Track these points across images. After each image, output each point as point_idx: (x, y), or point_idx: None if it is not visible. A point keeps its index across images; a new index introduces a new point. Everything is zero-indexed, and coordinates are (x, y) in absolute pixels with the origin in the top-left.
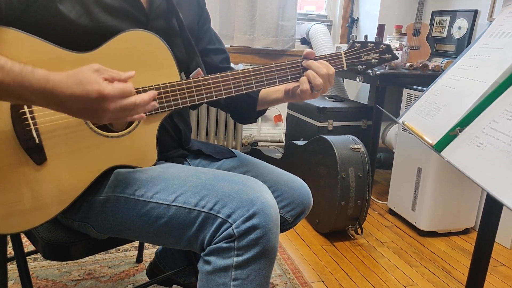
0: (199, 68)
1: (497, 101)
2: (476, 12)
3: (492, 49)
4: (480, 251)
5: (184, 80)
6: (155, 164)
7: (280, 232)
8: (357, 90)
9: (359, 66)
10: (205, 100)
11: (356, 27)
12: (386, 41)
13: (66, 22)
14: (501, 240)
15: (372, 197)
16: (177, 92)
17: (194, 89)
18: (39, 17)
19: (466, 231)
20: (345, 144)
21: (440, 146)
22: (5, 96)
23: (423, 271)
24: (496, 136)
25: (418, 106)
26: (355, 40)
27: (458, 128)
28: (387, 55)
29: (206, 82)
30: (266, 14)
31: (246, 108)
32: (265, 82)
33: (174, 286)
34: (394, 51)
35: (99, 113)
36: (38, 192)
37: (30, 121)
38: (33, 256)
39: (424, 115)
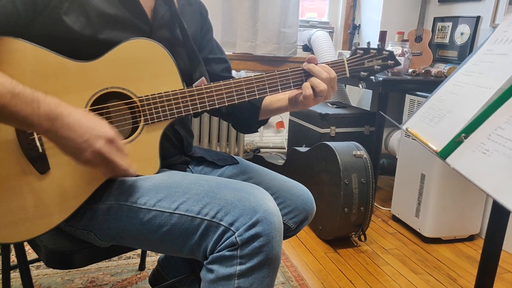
0: (203, 77)
1: (503, 107)
2: (478, 18)
3: (497, 55)
4: (487, 258)
5: (186, 88)
6: (158, 172)
7: (283, 239)
8: (360, 96)
9: (362, 73)
10: (208, 108)
11: (358, 33)
12: (388, 47)
13: (70, 33)
14: (507, 247)
15: (375, 204)
16: (180, 101)
17: (196, 97)
18: (45, 28)
19: (471, 238)
20: (347, 150)
21: (445, 152)
22: (9, 120)
23: (428, 278)
24: (502, 142)
25: (422, 113)
26: (358, 46)
27: (463, 134)
28: (389, 62)
29: (208, 90)
30: (268, 21)
31: (248, 117)
32: (268, 90)
33: None
34: (397, 57)
35: (87, 144)
36: (41, 201)
37: None
38: (36, 264)
39: (428, 121)
